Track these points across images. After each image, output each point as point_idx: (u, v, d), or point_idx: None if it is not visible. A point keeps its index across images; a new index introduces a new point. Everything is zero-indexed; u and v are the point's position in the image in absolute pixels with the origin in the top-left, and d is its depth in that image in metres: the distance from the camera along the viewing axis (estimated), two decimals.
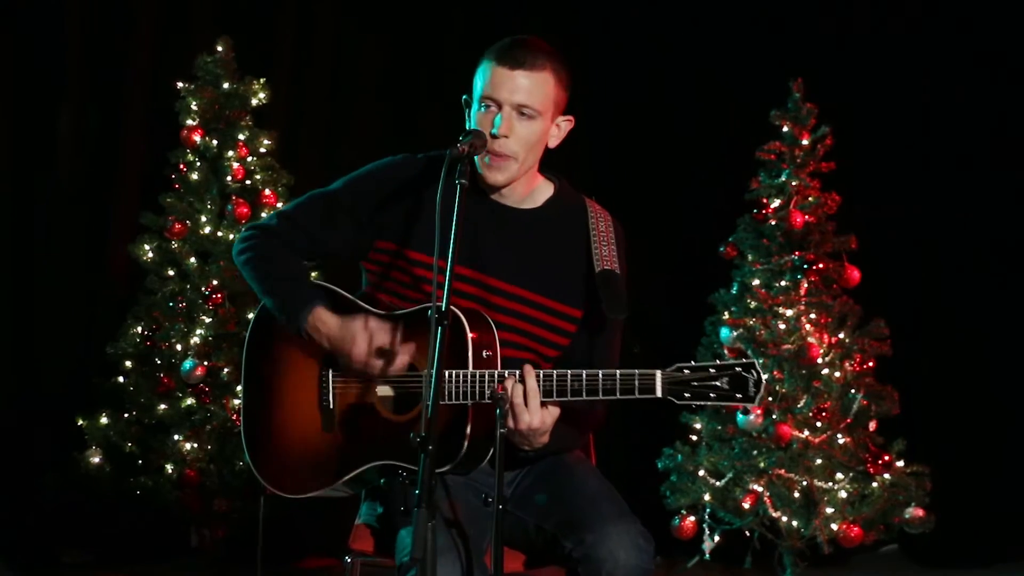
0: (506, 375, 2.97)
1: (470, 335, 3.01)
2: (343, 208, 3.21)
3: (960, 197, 6.49)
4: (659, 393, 2.88)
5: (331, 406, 3.21)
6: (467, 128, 3.16)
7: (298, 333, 3.16)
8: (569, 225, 3.23)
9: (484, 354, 3.04)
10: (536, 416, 2.94)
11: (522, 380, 2.95)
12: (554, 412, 2.99)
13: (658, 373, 2.88)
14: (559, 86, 3.14)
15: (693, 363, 2.88)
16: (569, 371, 2.94)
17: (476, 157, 3.05)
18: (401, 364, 3.06)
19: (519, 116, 3.09)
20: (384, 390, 3.15)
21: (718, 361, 2.87)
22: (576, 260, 3.20)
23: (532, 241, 3.20)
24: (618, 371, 2.90)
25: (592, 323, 3.19)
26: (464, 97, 3.19)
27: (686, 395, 2.87)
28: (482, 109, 3.10)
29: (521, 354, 3.15)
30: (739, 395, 2.86)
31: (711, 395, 2.87)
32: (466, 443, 3.01)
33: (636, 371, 2.90)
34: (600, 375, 2.91)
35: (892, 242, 6.39)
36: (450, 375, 2.99)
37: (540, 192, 3.26)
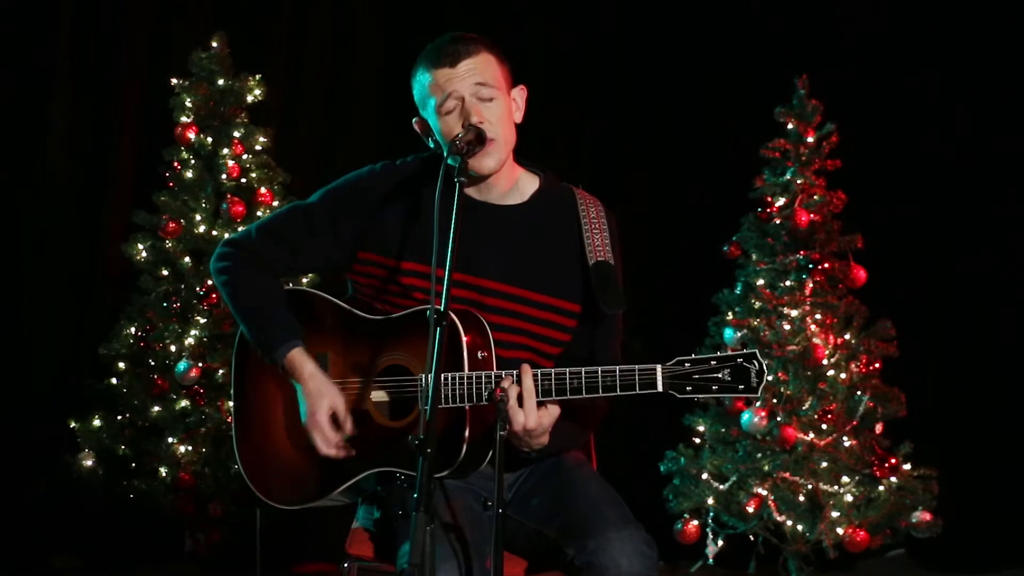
0: (503, 376, 2.93)
1: (464, 337, 2.97)
2: (323, 220, 3.18)
3: (968, 195, 6.43)
4: (660, 388, 2.86)
5: None
6: (432, 147, 3.15)
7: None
8: (559, 217, 3.20)
9: (479, 355, 3.00)
10: (532, 417, 2.90)
11: (519, 380, 2.90)
12: (553, 412, 2.95)
13: (658, 367, 2.86)
14: (499, 61, 3.13)
15: (694, 356, 2.86)
16: (568, 369, 2.91)
17: (455, 158, 2.96)
18: (357, 446, 3.07)
19: (481, 101, 3.07)
20: (379, 395, 3.10)
21: (719, 353, 2.86)
22: (569, 253, 3.17)
23: (521, 237, 3.16)
24: (617, 367, 2.88)
25: (592, 317, 3.15)
26: (414, 120, 3.17)
27: (688, 389, 2.85)
28: (444, 115, 3.09)
29: (521, 354, 3.11)
30: (741, 386, 2.85)
31: (713, 387, 2.85)
32: (464, 446, 2.97)
33: (636, 366, 2.87)
34: (599, 372, 2.89)
35: (899, 241, 6.34)
36: (446, 378, 2.95)
37: (524, 185, 3.22)
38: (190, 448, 5.79)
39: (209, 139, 6.09)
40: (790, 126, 5.85)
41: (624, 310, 3.09)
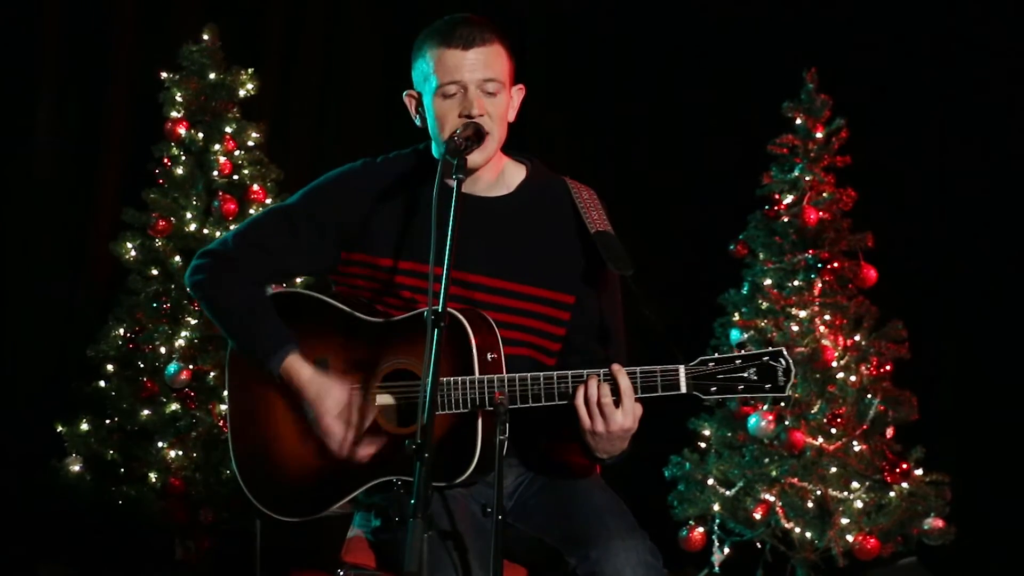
0: (588, 375, 2.85)
1: (473, 338, 2.91)
2: (303, 221, 3.12)
3: (981, 193, 6.42)
4: (684, 389, 2.82)
5: None
6: (417, 125, 3.11)
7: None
8: (548, 206, 3.14)
9: (489, 357, 2.94)
10: (630, 416, 2.84)
11: (607, 379, 2.83)
12: (639, 413, 2.88)
13: (681, 368, 2.82)
14: (508, 56, 3.08)
15: (717, 355, 2.82)
16: (585, 371, 2.85)
17: (453, 155, 2.88)
18: (367, 452, 2.99)
19: (484, 94, 3.01)
20: (384, 400, 3.03)
21: (743, 352, 2.82)
22: (561, 242, 3.11)
23: (508, 229, 3.10)
24: (639, 368, 2.84)
25: (589, 308, 3.10)
26: (405, 93, 3.11)
27: (712, 389, 2.81)
28: (443, 98, 3.01)
29: (518, 350, 3.05)
30: (768, 386, 2.81)
31: (739, 387, 2.81)
32: (478, 452, 2.91)
33: (658, 367, 2.83)
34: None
35: (910, 240, 6.34)
36: (456, 382, 2.90)
37: (510, 175, 3.16)
38: (180, 453, 5.74)
39: (200, 135, 6.04)
40: (798, 121, 5.83)
41: (632, 271, 3.01)
